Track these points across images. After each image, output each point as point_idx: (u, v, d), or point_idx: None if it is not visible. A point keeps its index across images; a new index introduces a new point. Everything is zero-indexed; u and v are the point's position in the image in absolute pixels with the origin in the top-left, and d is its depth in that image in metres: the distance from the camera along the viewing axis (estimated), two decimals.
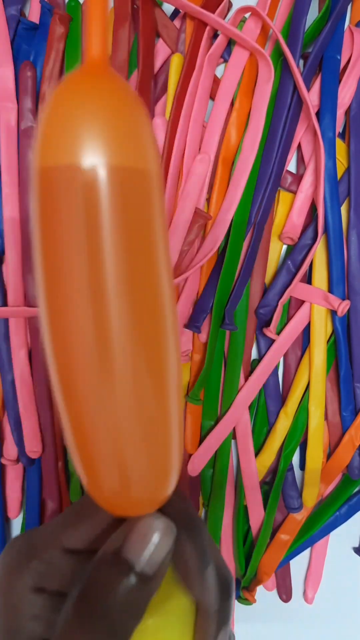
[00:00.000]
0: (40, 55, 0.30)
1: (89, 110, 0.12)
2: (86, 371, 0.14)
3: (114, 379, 0.14)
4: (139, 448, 0.15)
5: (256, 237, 0.30)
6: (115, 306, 0.13)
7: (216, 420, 0.31)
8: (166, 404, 0.15)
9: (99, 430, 0.14)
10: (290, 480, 0.32)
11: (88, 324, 0.13)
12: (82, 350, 0.13)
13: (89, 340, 0.13)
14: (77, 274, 0.13)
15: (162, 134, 0.30)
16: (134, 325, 0.13)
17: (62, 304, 0.13)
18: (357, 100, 0.30)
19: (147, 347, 0.14)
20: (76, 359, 0.14)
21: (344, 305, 0.29)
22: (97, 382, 0.14)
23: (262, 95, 0.29)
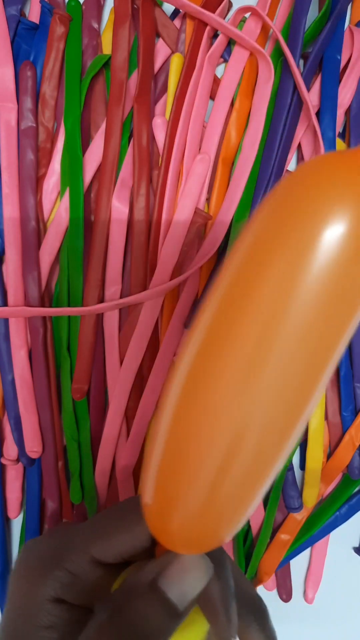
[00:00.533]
0: (40, 55, 0.30)
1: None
2: (229, 391, 0.13)
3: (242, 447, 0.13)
4: (235, 490, 0.14)
5: None
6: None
7: None
8: (278, 452, 0.14)
9: (210, 455, 0.13)
10: (290, 480, 0.32)
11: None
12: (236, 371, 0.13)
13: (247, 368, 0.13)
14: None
15: (162, 134, 0.30)
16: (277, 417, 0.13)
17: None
18: (357, 100, 0.30)
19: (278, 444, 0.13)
20: (225, 373, 0.13)
21: None
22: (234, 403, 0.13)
23: (262, 95, 0.29)
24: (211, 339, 0.13)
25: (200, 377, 0.13)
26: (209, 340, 0.13)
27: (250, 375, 0.12)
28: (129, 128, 0.30)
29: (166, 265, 0.29)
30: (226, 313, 0.13)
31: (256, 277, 0.12)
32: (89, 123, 0.31)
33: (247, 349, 0.12)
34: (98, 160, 0.30)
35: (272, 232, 0.12)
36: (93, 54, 0.31)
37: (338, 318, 0.12)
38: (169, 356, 0.30)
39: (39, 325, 0.30)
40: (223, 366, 0.13)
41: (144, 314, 0.29)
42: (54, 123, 0.30)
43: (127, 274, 0.30)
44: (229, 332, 0.13)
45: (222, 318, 0.13)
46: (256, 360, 0.12)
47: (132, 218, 0.30)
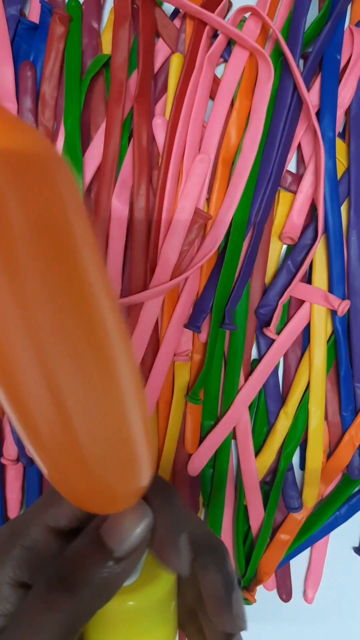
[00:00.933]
0: (40, 55, 0.30)
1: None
2: (27, 378, 0.13)
3: (54, 385, 0.13)
4: (97, 449, 0.14)
5: (256, 237, 0.30)
6: (41, 315, 0.13)
7: (216, 420, 0.31)
8: (119, 403, 0.14)
9: (57, 435, 0.14)
10: (290, 480, 0.32)
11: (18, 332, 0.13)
12: (18, 355, 0.13)
13: (23, 348, 0.13)
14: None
15: (162, 134, 0.30)
16: (64, 332, 0.13)
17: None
18: (357, 100, 0.30)
19: (81, 348, 0.13)
20: (14, 364, 0.13)
21: (344, 305, 0.29)
22: (40, 391, 0.13)
23: (262, 95, 0.29)
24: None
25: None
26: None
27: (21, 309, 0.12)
28: (129, 128, 0.30)
29: (166, 265, 0.29)
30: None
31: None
32: (89, 123, 0.31)
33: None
34: (98, 160, 0.30)
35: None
36: (93, 54, 0.31)
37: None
38: (169, 356, 0.30)
39: None
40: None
41: (144, 313, 0.29)
42: (54, 123, 0.30)
43: (127, 274, 0.30)
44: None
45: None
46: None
47: (132, 218, 0.30)
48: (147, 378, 0.30)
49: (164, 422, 0.31)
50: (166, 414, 0.31)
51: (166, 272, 0.29)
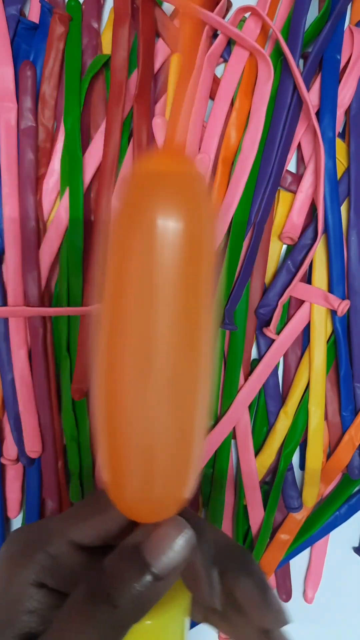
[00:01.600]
0: (40, 55, 0.30)
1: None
2: (130, 376, 0.15)
3: (151, 385, 0.15)
4: (167, 451, 0.16)
5: (256, 237, 0.30)
6: (164, 330, 0.15)
7: (216, 420, 0.31)
8: (195, 412, 0.16)
9: (133, 431, 0.15)
10: (290, 480, 0.32)
11: (139, 336, 0.15)
12: (130, 356, 0.15)
13: (138, 349, 0.15)
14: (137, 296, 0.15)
15: (162, 134, 0.30)
16: (177, 344, 0.15)
17: (119, 315, 0.15)
18: (357, 100, 0.30)
19: (185, 361, 0.15)
20: (123, 364, 0.15)
21: (344, 305, 0.29)
22: (137, 385, 0.15)
23: (262, 95, 0.29)
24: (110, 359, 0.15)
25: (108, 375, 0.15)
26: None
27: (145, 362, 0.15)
28: (129, 128, 0.30)
29: None
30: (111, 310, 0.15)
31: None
32: (89, 123, 0.31)
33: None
34: (98, 160, 0.30)
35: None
36: (93, 54, 0.31)
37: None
38: None
39: (38, 325, 0.30)
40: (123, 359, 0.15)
41: None
42: (54, 123, 0.30)
43: None
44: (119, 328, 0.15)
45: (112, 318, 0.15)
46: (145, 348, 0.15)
47: None
48: None
49: None
50: None
51: None
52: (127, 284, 0.15)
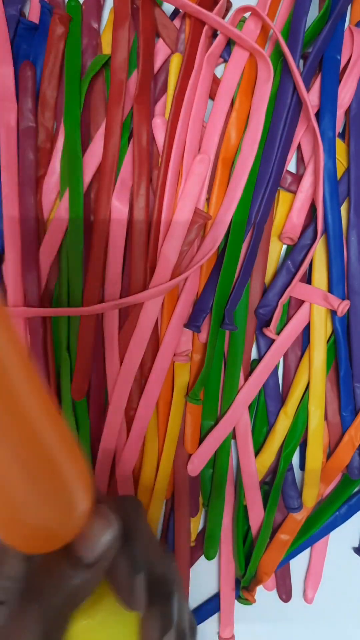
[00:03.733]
0: (40, 55, 0.30)
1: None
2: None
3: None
4: (19, 494, 0.15)
5: (256, 237, 0.30)
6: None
7: (216, 420, 0.31)
8: (31, 450, 0.15)
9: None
10: (290, 480, 0.32)
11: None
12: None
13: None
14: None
15: (161, 134, 0.30)
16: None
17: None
18: (357, 100, 0.30)
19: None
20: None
21: (344, 305, 0.29)
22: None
23: (262, 96, 0.29)
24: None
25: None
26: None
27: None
28: (129, 128, 0.30)
29: (166, 265, 0.29)
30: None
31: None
32: (89, 123, 0.31)
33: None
34: (98, 160, 0.30)
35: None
36: (93, 54, 0.31)
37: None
38: (169, 356, 0.30)
39: (38, 326, 0.30)
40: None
41: (143, 313, 0.29)
42: (54, 123, 0.30)
43: (127, 274, 0.30)
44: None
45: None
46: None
47: (132, 218, 0.30)
48: (147, 378, 0.30)
49: (164, 422, 0.31)
50: (166, 414, 0.31)
51: (166, 272, 0.29)
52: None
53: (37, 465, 0.16)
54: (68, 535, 0.17)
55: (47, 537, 0.16)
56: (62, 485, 0.16)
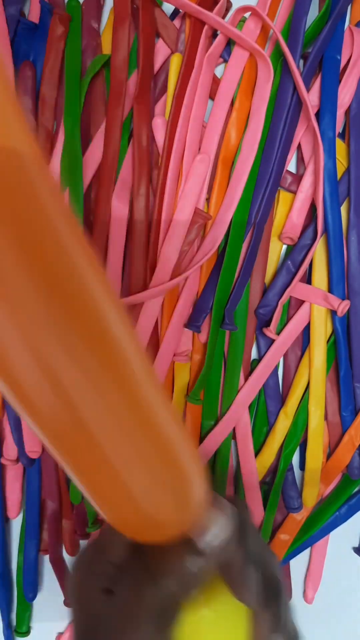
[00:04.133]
0: (40, 55, 0.30)
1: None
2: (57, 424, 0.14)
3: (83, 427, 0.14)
4: (141, 486, 0.16)
5: (256, 237, 0.30)
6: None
7: (216, 420, 0.31)
8: (152, 436, 0.15)
9: (105, 482, 0.15)
10: (290, 480, 0.32)
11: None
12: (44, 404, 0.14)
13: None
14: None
15: (161, 134, 0.30)
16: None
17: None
18: (357, 100, 0.30)
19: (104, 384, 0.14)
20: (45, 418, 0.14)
21: (344, 305, 0.29)
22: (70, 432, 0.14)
23: (262, 96, 0.29)
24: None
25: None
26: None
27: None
28: (129, 128, 0.30)
29: (166, 265, 0.29)
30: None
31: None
32: (89, 123, 0.31)
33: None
34: (98, 160, 0.30)
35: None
36: (93, 54, 0.31)
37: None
38: (169, 356, 0.30)
39: None
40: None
41: (144, 313, 0.29)
42: (54, 123, 0.30)
43: (127, 273, 0.30)
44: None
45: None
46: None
47: (132, 218, 0.30)
48: None
49: None
50: None
51: (166, 271, 0.29)
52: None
53: (157, 453, 0.16)
54: (184, 524, 0.17)
55: (163, 525, 0.17)
56: (180, 474, 0.16)
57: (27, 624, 0.33)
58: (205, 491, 0.17)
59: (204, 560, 0.17)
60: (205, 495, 0.17)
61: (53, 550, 0.32)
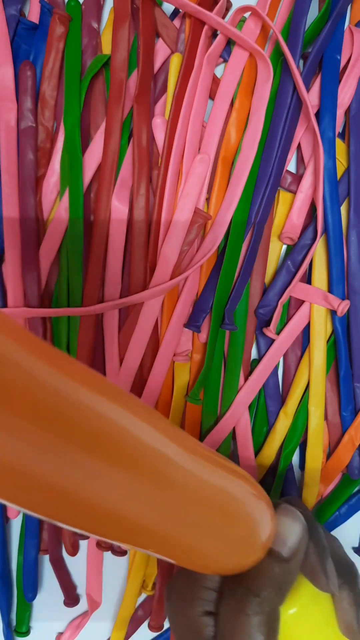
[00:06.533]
0: (40, 55, 0.30)
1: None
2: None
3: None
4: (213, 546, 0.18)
5: (256, 237, 0.30)
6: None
7: (216, 420, 0.31)
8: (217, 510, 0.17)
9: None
10: (290, 480, 0.32)
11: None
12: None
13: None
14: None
15: (161, 133, 0.30)
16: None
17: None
18: (357, 100, 0.30)
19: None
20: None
21: (344, 305, 0.29)
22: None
23: (261, 96, 0.29)
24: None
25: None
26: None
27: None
28: (129, 128, 0.30)
29: (166, 265, 0.29)
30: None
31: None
32: (89, 123, 0.31)
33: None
34: (98, 160, 0.30)
35: None
36: (93, 54, 0.31)
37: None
38: (169, 356, 0.30)
39: (38, 325, 0.30)
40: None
41: (143, 313, 0.29)
42: (54, 123, 0.30)
43: (126, 273, 0.30)
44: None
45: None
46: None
47: (132, 218, 0.30)
48: (147, 378, 0.30)
49: None
50: (166, 414, 0.31)
51: (166, 271, 0.29)
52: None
53: (218, 520, 0.17)
54: (264, 549, 0.19)
55: (245, 564, 0.19)
56: (246, 524, 0.18)
57: (27, 623, 0.33)
58: (271, 521, 0.19)
59: (288, 565, 0.19)
60: (273, 513, 0.19)
61: (53, 550, 0.32)
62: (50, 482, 0.13)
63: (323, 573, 0.20)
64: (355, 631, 0.20)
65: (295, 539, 0.20)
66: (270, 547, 0.19)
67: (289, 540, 0.19)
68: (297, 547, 0.20)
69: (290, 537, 0.19)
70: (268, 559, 0.19)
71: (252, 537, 0.19)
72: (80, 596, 0.34)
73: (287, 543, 0.19)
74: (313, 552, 0.20)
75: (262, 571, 0.19)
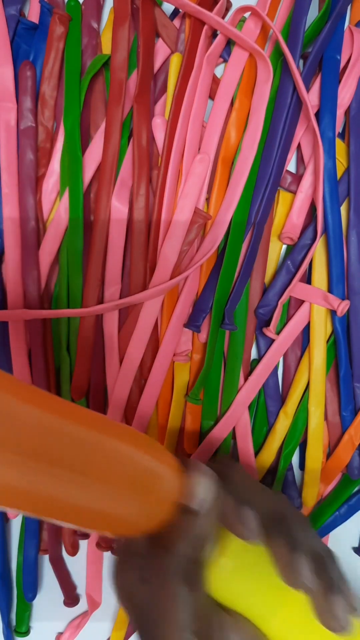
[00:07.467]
0: (39, 55, 0.30)
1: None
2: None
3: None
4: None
5: (256, 237, 0.30)
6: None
7: (216, 420, 0.31)
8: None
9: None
10: (290, 480, 0.32)
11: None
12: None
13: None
14: None
15: (161, 134, 0.30)
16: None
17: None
18: (357, 100, 0.30)
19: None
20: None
21: (344, 305, 0.29)
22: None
23: (261, 96, 0.29)
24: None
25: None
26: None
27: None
28: (129, 128, 0.30)
29: (166, 265, 0.29)
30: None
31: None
32: (89, 123, 0.31)
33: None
34: (98, 160, 0.30)
35: None
36: (93, 54, 0.31)
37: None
38: (169, 356, 0.30)
39: (38, 326, 0.30)
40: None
41: (143, 313, 0.29)
42: (54, 123, 0.30)
43: (126, 274, 0.30)
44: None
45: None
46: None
47: (132, 218, 0.30)
48: (147, 378, 0.30)
49: (164, 422, 0.31)
50: (165, 414, 0.31)
51: (166, 271, 0.29)
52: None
53: (124, 486, 0.17)
54: (172, 501, 0.19)
55: (155, 516, 0.19)
56: (149, 481, 0.18)
57: (27, 623, 0.33)
58: (178, 467, 0.20)
59: (202, 518, 0.19)
60: (180, 469, 0.20)
61: (53, 550, 0.32)
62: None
63: (243, 524, 0.20)
64: (294, 578, 0.20)
65: (202, 490, 0.20)
66: (182, 503, 0.20)
67: (196, 492, 0.20)
68: (205, 498, 0.20)
69: (197, 489, 0.20)
70: (180, 515, 0.19)
71: (154, 491, 0.19)
72: (80, 596, 0.34)
73: (195, 495, 0.20)
74: (232, 507, 0.21)
75: (174, 527, 0.19)
